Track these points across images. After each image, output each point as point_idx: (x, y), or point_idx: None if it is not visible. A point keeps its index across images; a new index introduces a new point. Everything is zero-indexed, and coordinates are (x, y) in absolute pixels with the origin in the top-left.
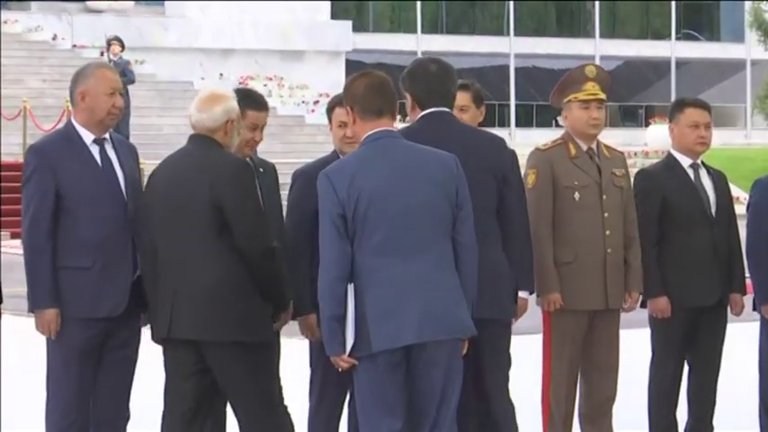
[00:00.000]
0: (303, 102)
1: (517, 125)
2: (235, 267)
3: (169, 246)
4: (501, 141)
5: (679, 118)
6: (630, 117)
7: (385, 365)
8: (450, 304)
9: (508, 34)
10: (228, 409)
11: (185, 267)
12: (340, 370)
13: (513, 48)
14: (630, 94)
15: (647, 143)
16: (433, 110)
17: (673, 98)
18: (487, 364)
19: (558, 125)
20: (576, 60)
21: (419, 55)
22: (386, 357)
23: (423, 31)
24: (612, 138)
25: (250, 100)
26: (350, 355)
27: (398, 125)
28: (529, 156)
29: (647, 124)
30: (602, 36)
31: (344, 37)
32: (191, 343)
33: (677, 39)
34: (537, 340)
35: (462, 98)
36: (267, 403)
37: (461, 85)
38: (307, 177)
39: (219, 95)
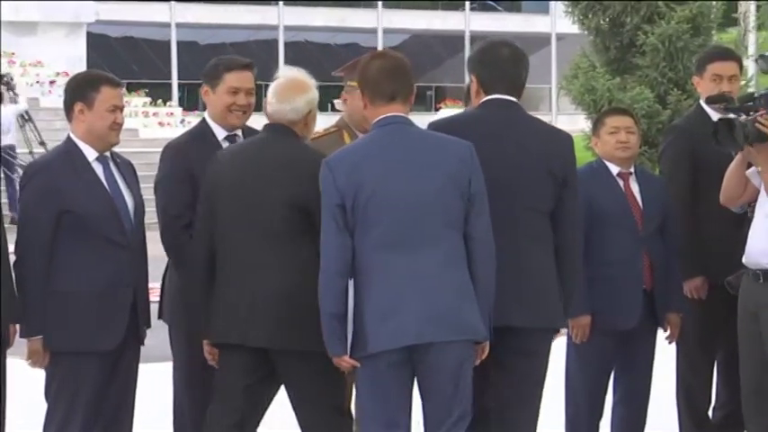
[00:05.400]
0: (38, 82)
1: None
2: (310, 271)
3: (241, 247)
4: (567, 138)
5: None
6: (418, 100)
7: (386, 367)
8: (455, 304)
9: (277, 3)
10: None
11: (261, 271)
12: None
13: (282, 19)
14: (418, 73)
15: None
16: (496, 96)
17: (467, 78)
18: (519, 373)
19: (334, 109)
20: (356, 34)
21: (172, 26)
22: (386, 359)
23: None
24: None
25: None
26: (350, 356)
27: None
28: None
29: (438, 109)
30: (385, 6)
31: (85, 6)
32: (259, 351)
33: (472, 9)
34: None
35: (251, 80)
36: (338, 413)
37: (246, 65)
38: (45, 175)
39: (301, 84)
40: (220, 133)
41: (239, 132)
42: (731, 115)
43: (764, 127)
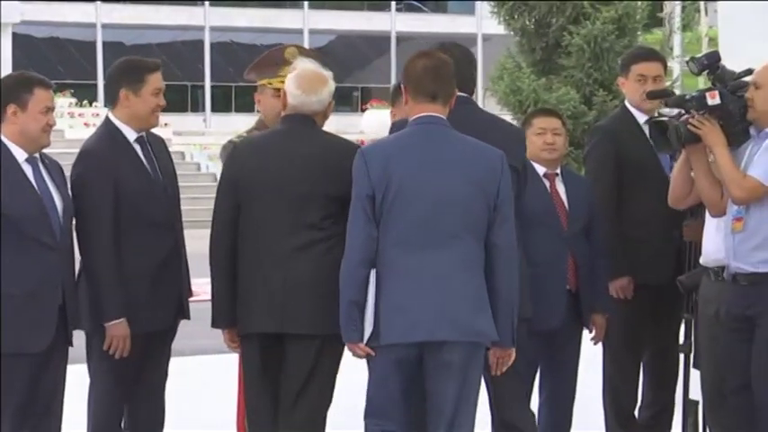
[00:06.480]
0: None
1: (213, 110)
2: (341, 258)
3: (271, 236)
4: (521, 133)
5: (402, 101)
6: (344, 100)
7: (396, 360)
8: (467, 305)
9: (202, 3)
10: None
11: (291, 259)
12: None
13: (208, 19)
14: (344, 74)
15: (363, 131)
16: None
17: (393, 78)
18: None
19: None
20: (282, 35)
21: (98, 27)
22: (398, 352)
23: None
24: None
25: None
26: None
27: None
28: (222, 149)
29: (364, 109)
30: (311, 6)
31: (10, 7)
32: (277, 336)
33: (398, 10)
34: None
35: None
36: (330, 395)
37: (160, 65)
38: None
39: (322, 75)
40: (131, 134)
41: (144, 133)
42: (666, 110)
43: (696, 128)
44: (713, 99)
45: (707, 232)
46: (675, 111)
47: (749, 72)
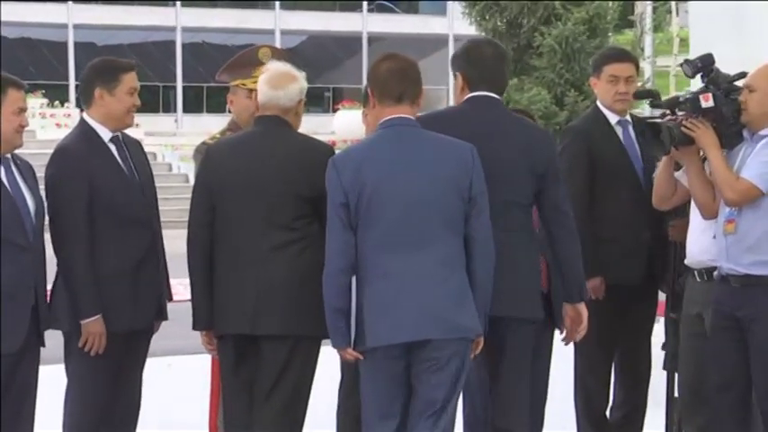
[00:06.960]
0: None
1: (185, 110)
2: (315, 258)
3: (245, 237)
4: (547, 136)
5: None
6: (316, 101)
7: (384, 362)
8: (450, 302)
9: (174, 4)
10: None
11: (265, 260)
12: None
13: (179, 20)
14: (316, 74)
15: (335, 131)
16: (481, 93)
17: (365, 79)
18: (502, 366)
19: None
20: (253, 35)
21: (69, 27)
22: (384, 353)
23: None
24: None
25: None
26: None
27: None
28: (195, 151)
29: (335, 110)
30: (283, 7)
31: None
32: (252, 337)
33: (370, 11)
34: None
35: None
36: (306, 394)
37: (135, 65)
38: None
39: (292, 73)
40: (105, 134)
41: (119, 134)
42: (637, 110)
43: (690, 130)
44: (707, 101)
45: (692, 233)
46: (647, 112)
47: (743, 75)
